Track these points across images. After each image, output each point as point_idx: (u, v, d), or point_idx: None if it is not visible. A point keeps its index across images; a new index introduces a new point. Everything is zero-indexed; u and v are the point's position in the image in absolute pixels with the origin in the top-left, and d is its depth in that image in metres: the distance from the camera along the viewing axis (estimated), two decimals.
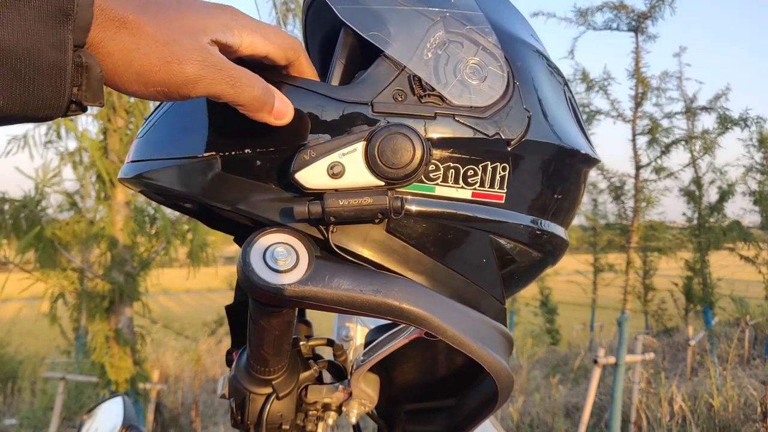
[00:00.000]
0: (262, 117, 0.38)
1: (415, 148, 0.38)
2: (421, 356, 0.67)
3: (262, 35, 0.38)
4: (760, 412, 3.49)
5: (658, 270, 6.79)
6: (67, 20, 0.29)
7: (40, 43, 0.29)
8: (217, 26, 0.36)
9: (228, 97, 0.36)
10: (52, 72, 0.29)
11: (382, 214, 0.39)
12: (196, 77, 0.34)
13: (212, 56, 0.35)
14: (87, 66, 0.31)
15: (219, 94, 0.36)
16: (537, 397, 4.47)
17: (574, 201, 0.50)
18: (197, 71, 0.34)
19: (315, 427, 0.65)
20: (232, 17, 0.37)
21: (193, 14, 0.35)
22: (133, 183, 0.45)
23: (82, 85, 0.31)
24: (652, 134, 4.65)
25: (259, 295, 0.40)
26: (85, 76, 0.31)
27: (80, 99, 0.31)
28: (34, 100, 0.30)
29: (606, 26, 4.30)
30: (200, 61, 0.34)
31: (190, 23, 0.35)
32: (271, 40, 0.39)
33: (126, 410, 0.80)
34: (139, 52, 0.33)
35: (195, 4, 0.36)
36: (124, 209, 3.80)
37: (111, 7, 0.32)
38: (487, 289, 0.45)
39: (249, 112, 0.38)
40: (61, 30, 0.29)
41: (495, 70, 0.43)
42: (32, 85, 0.29)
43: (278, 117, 0.38)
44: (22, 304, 5.50)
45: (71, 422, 4.91)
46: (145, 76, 0.33)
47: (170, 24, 0.34)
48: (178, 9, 0.35)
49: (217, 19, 0.36)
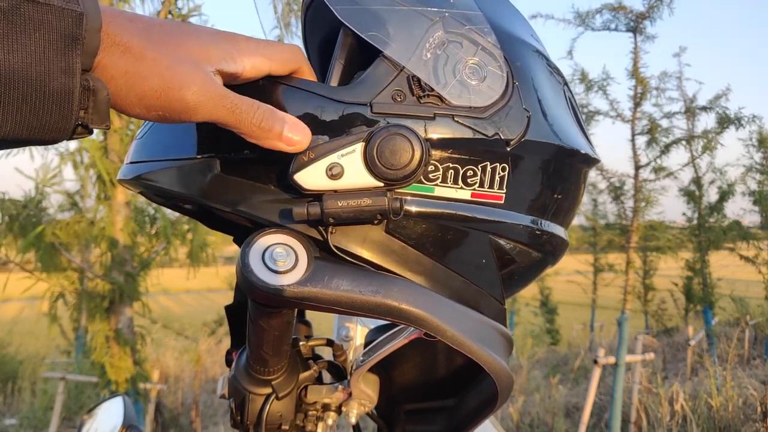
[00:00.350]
0: (271, 144, 0.38)
1: (414, 149, 0.38)
2: (420, 356, 0.67)
3: (263, 56, 0.39)
4: (760, 412, 3.49)
5: (658, 270, 6.80)
6: (76, 46, 0.30)
7: (50, 69, 0.29)
8: (219, 55, 0.36)
9: (230, 124, 0.36)
10: (60, 97, 0.30)
11: (381, 215, 0.39)
12: (196, 104, 0.34)
13: (213, 84, 0.35)
14: (94, 89, 0.31)
15: (220, 122, 0.36)
16: (537, 397, 4.47)
17: (574, 201, 0.50)
18: (197, 98, 0.34)
19: (315, 428, 0.65)
20: (232, 44, 0.38)
21: (196, 42, 0.36)
22: (133, 184, 0.45)
23: (89, 108, 0.32)
24: (652, 134, 4.65)
25: (258, 296, 0.40)
26: (92, 99, 0.31)
27: (87, 122, 0.32)
28: (42, 125, 0.30)
29: (604, 27, 4.30)
30: (200, 89, 0.34)
31: (193, 51, 0.35)
32: (272, 59, 0.39)
33: (126, 410, 0.80)
34: (141, 76, 0.33)
35: (196, 31, 0.37)
36: (124, 209, 3.80)
37: (117, 32, 0.32)
38: (487, 290, 0.45)
39: (254, 140, 0.38)
40: (71, 56, 0.30)
41: (494, 70, 0.42)
42: (41, 111, 0.30)
43: (288, 144, 0.38)
44: (23, 305, 5.50)
45: (71, 422, 4.91)
46: (147, 101, 0.34)
47: (173, 51, 0.34)
48: (181, 36, 0.35)
49: (218, 47, 0.36)
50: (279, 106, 0.41)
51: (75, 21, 0.30)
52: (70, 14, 0.29)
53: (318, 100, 0.41)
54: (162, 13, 3.84)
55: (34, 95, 0.29)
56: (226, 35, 0.38)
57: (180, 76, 0.34)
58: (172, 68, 0.34)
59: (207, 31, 0.38)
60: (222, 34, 0.38)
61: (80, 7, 0.30)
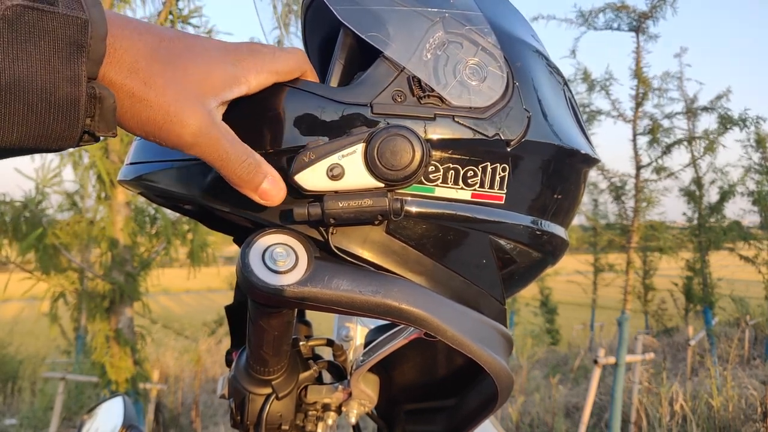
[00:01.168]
0: (247, 193, 0.38)
1: (414, 150, 0.38)
2: (420, 356, 0.67)
3: (269, 72, 0.39)
4: (760, 412, 3.50)
5: (658, 270, 6.79)
6: (81, 53, 0.30)
7: (56, 78, 0.29)
8: (224, 82, 0.36)
9: (215, 167, 0.37)
10: (66, 105, 0.30)
11: (381, 215, 0.39)
12: (191, 144, 0.35)
13: (211, 126, 0.35)
14: (100, 97, 0.31)
15: (208, 162, 0.37)
16: (537, 397, 4.47)
17: (575, 201, 0.50)
18: (193, 139, 0.35)
19: (315, 428, 0.65)
20: (238, 65, 0.37)
21: (202, 67, 0.36)
22: (133, 185, 0.45)
23: (95, 116, 0.31)
24: (653, 134, 4.65)
25: (258, 296, 0.40)
26: (98, 107, 0.31)
27: (93, 130, 0.32)
28: (48, 134, 0.30)
29: (607, 26, 4.30)
30: (199, 130, 0.35)
31: (199, 80, 0.35)
32: (277, 72, 0.39)
33: (126, 410, 0.80)
34: (146, 104, 0.33)
35: (203, 51, 0.36)
36: (124, 209, 3.80)
37: (124, 49, 0.32)
38: (487, 290, 0.45)
39: (233, 185, 0.38)
40: (76, 63, 0.30)
41: (494, 71, 0.42)
42: (47, 119, 0.29)
43: (263, 197, 0.39)
44: (23, 305, 5.50)
45: (71, 422, 4.92)
46: (147, 128, 0.34)
47: (181, 79, 0.34)
48: (188, 58, 0.35)
49: (224, 72, 0.36)
50: (280, 107, 0.41)
51: (80, 28, 0.29)
52: (74, 21, 0.29)
53: (319, 101, 0.41)
54: (163, 14, 3.84)
55: (39, 104, 0.29)
56: (232, 54, 0.38)
57: (182, 115, 0.34)
58: (176, 104, 0.34)
59: (213, 50, 0.37)
60: (228, 53, 0.38)
61: (85, 14, 0.30)
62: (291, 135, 0.40)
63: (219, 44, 0.38)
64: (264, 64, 0.39)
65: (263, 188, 0.38)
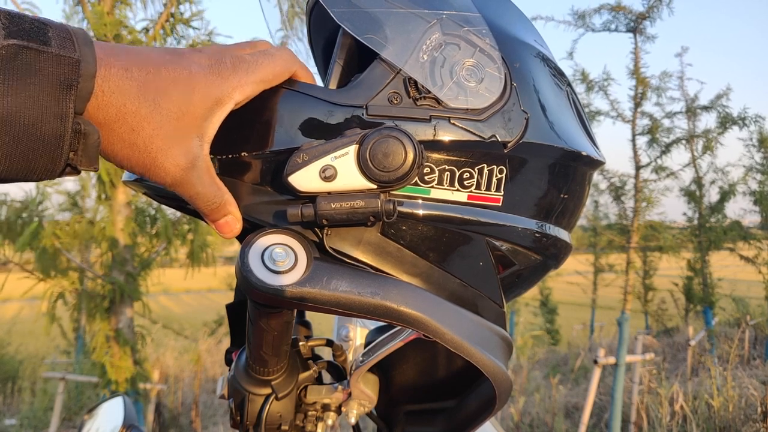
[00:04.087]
0: (209, 223, 0.42)
1: (407, 151, 0.38)
2: (420, 357, 0.67)
3: (255, 82, 0.39)
4: (761, 412, 3.49)
5: (658, 270, 6.79)
6: (70, 91, 0.30)
7: (43, 114, 0.30)
8: (209, 110, 0.37)
9: (188, 201, 0.39)
10: (51, 141, 0.30)
11: (374, 217, 0.39)
12: (172, 184, 0.37)
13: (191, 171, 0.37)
14: (85, 133, 0.32)
15: (183, 196, 0.39)
16: (537, 397, 4.47)
17: (578, 203, 0.49)
18: (174, 181, 0.37)
19: (314, 428, 0.65)
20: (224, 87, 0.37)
21: (187, 99, 0.36)
22: (136, 185, 0.46)
23: (78, 150, 0.32)
24: (652, 134, 4.65)
25: (258, 296, 0.40)
26: (82, 142, 0.32)
27: (76, 164, 0.32)
28: (32, 167, 0.31)
29: (604, 27, 4.30)
30: (180, 176, 0.37)
31: (185, 119, 0.36)
32: (263, 80, 0.39)
33: (126, 410, 0.81)
34: (135, 149, 0.35)
35: (187, 79, 0.36)
36: (124, 209, 3.80)
37: (111, 90, 0.33)
38: (485, 293, 0.45)
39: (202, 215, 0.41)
40: (65, 101, 0.30)
41: (492, 72, 0.42)
42: (31, 154, 0.30)
43: (218, 230, 0.42)
44: (23, 305, 5.50)
45: (71, 422, 4.92)
46: (135, 168, 0.36)
47: (165, 124, 0.35)
48: (174, 94, 0.35)
49: (208, 99, 0.37)
50: (275, 109, 0.41)
51: (71, 68, 0.30)
52: (66, 61, 0.30)
53: (314, 103, 0.41)
54: (163, 16, 3.84)
55: (25, 138, 0.29)
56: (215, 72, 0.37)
57: (166, 164, 0.36)
58: (161, 153, 0.35)
59: (198, 73, 0.37)
60: (212, 71, 0.37)
61: (77, 54, 0.30)
62: (286, 137, 0.41)
63: (204, 61, 0.38)
64: (248, 76, 0.39)
65: (219, 223, 0.41)
